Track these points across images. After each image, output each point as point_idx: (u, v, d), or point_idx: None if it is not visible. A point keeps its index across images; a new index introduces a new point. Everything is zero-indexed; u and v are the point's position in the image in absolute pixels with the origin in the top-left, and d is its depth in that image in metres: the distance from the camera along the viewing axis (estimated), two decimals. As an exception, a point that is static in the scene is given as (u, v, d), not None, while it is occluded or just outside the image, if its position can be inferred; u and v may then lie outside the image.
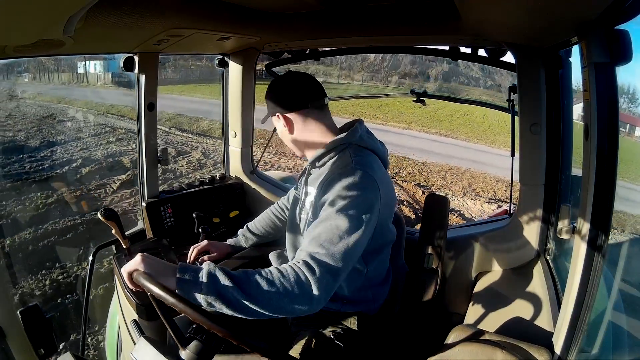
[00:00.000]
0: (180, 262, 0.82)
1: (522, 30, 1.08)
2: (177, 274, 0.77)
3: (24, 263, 4.25)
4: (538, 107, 1.21)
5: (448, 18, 1.16)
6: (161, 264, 0.81)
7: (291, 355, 0.81)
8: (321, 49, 1.73)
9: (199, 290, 0.76)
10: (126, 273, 0.81)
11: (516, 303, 1.21)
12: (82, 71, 21.72)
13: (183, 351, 0.77)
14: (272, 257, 1.29)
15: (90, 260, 1.48)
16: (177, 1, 1.09)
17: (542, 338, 0.98)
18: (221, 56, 1.79)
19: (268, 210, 1.46)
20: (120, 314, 1.40)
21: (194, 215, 1.59)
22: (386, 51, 1.91)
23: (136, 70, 1.44)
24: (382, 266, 1.16)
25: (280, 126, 1.10)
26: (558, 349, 0.87)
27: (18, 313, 0.90)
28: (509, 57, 1.32)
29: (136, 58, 1.42)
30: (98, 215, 1.14)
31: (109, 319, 1.67)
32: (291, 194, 1.40)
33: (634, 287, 1.24)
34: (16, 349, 0.88)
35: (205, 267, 0.79)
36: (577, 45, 0.98)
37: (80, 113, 13.71)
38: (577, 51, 0.98)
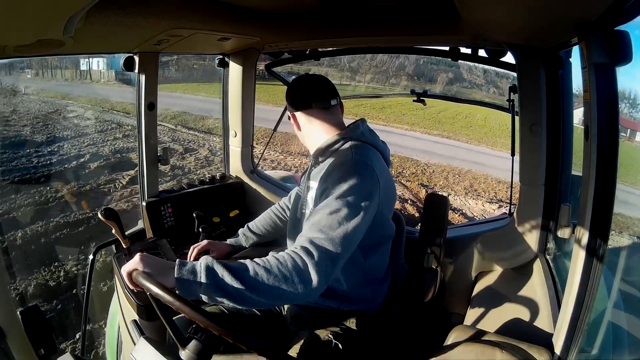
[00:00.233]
0: (178, 259, 0.81)
1: (522, 30, 1.08)
2: (176, 270, 0.78)
3: (31, 259, 4.28)
4: (538, 108, 1.21)
5: (448, 18, 1.17)
6: (160, 263, 0.81)
7: (290, 355, 0.81)
8: (321, 50, 1.73)
9: (198, 284, 0.76)
10: (126, 273, 0.81)
11: (516, 303, 1.21)
12: (85, 68, 21.67)
13: (183, 351, 0.77)
14: None
15: (90, 259, 1.48)
16: (178, 1, 1.09)
17: (542, 338, 0.98)
18: (221, 56, 1.79)
19: (269, 210, 1.46)
20: (120, 314, 1.40)
21: (194, 214, 1.59)
22: (386, 51, 1.91)
23: (136, 70, 1.44)
24: (381, 263, 1.16)
25: (292, 123, 1.17)
26: (558, 349, 0.86)
27: (18, 313, 0.90)
28: (509, 58, 1.32)
29: (136, 58, 1.42)
30: (98, 214, 1.14)
31: (109, 319, 1.67)
32: (293, 194, 1.41)
33: (634, 287, 1.24)
34: (16, 349, 0.88)
35: (202, 261, 0.79)
36: (577, 45, 0.98)
37: (85, 109, 13.73)
38: (577, 52, 0.98)
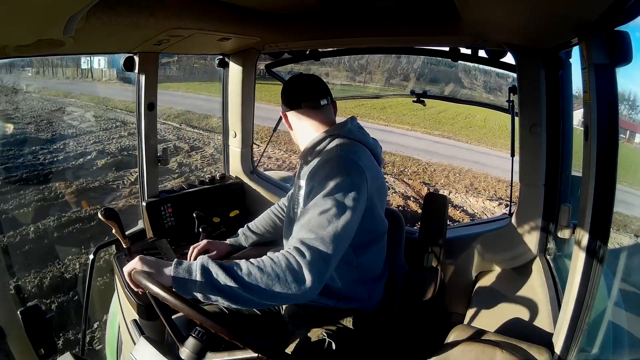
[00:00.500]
0: (176, 258, 0.83)
1: (523, 31, 1.08)
2: (172, 269, 0.79)
3: (37, 256, 4.32)
4: (538, 108, 1.22)
5: (448, 19, 1.17)
6: (158, 262, 0.83)
7: (287, 353, 0.81)
8: (321, 50, 1.73)
9: (194, 282, 0.78)
10: (127, 274, 0.82)
11: (516, 303, 1.21)
12: (87, 67, 21.61)
13: (182, 351, 0.77)
14: None
15: (90, 259, 1.48)
16: (178, 1, 1.09)
17: (542, 338, 0.98)
18: (221, 56, 1.79)
19: (269, 210, 1.47)
20: (120, 314, 1.40)
21: (194, 215, 1.59)
22: (386, 52, 1.91)
23: (136, 70, 1.44)
24: (376, 261, 1.16)
25: (284, 122, 1.18)
26: (558, 349, 0.87)
27: (18, 313, 0.90)
28: (509, 58, 1.32)
29: (136, 58, 1.42)
30: (99, 215, 1.14)
31: (109, 319, 1.67)
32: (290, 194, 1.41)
33: (634, 287, 1.24)
34: (16, 349, 0.88)
35: (198, 261, 0.80)
36: (578, 46, 0.99)
37: (88, 107, 13.78)
38: (577, 52, 0.98)
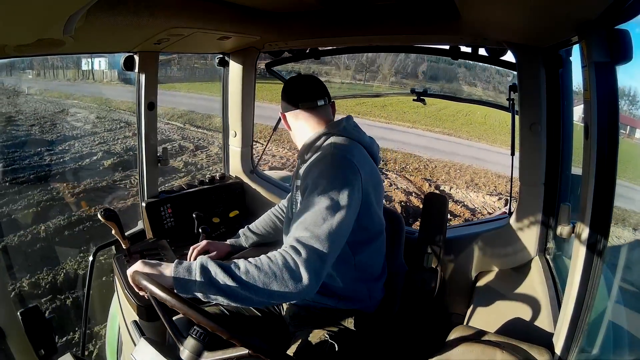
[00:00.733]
0: (176, 259, 0.85)
1: (523, 29, 1.08)
2: (173, 269, 0.81)
3: (41, 255, 4.35)
4: (538, 107, 1.21)
5: (448, 18, 1.16)
6: (158, 263, 0.85)
7: (288, 354, 0.81)
8: (321, 48, 1.73)
9: (194, 282, 0.79)
10: (130, 277, 0.84)
11: (516, 303, 1.21)
12: (87, 68, 21.60)
13: (182, 351, 0.77)
14: None
15: (90, 260, 1.48)
16: (178, 0, 1.09)
17: (542, 338, 0.98)
18: (221, 55, 1.79)
19: (269, 211, 1.47)
20: (120, 315, 1.40)
21: (194, 215, 1.59)
22: (386, 50, 1.90)
23: (136, 69, 1.44)
24: (375, 260, 1.16)
25: (283, 122, 1.19)
26: (558, 349, 0.87)
27: (18, 314, 0.90)
28: (509, 57, 1.32)
29: (136, 57, 1.42)
30: (98, 215, 1.14)
31: (109, 320, 1.67)
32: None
33: (635, 287, 1.24)
34: (16, 350, 0.88)
35: (198, 260, 0.82)
36: (578, 44, 0.98)
37: (91, 109, 13.84)
38: (578, 51, 0.98)
